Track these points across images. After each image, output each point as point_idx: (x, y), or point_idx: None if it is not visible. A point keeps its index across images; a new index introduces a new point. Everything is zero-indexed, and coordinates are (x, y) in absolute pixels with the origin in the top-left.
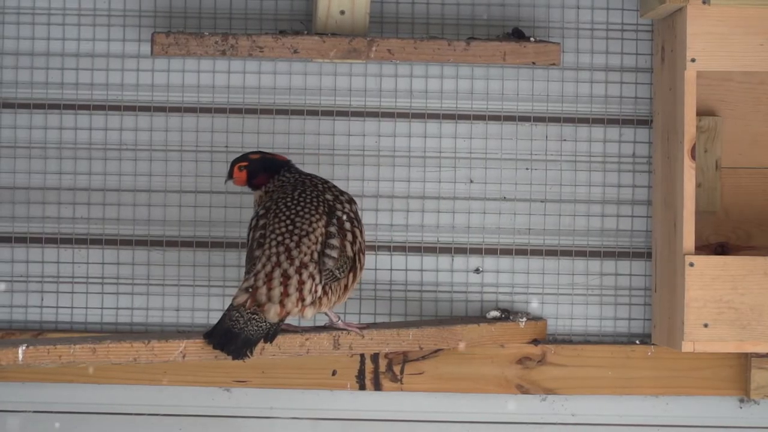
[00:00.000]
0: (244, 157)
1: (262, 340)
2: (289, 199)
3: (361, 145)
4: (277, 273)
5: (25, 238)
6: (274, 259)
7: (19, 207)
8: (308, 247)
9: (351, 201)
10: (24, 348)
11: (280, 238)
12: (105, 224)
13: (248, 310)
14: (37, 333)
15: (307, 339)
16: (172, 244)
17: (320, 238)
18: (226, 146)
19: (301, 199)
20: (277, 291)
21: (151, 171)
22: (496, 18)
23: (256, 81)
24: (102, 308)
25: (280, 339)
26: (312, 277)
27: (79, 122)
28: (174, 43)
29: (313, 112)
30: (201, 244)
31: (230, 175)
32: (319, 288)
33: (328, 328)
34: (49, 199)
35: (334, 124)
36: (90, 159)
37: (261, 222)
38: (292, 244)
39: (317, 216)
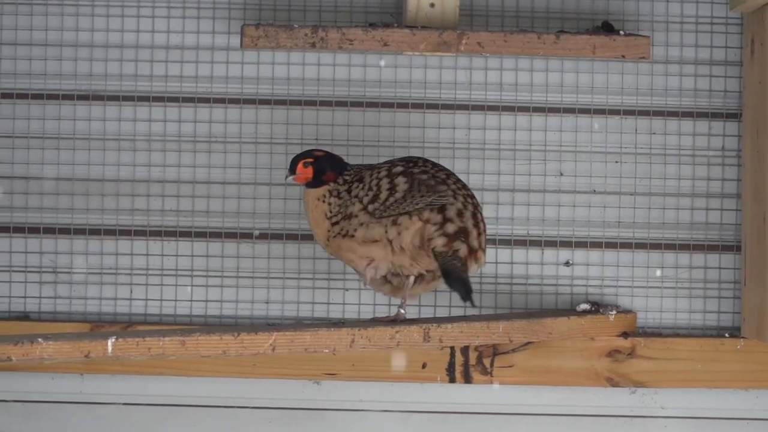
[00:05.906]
0: (309, 153)
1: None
2: (420, 162)
3: (452, 138)
4: (479, 216)
5: (114, 230)
6: (461, 200)
7: (108, 199)
8: (471, 197)
9: None
10: (113, 340)
11: (455, 177)
12: (194, 216)
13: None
14: (126, 325)
15: (397, 332)
16: (261, 236)
17: None
18: (316, 138)
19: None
20: (483, 238)
21: (241, 163)
22: (585, 11)
23: (346, 74)
24: (191, 300)
25: (370, 331)
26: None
27: (169, 114)
28: (264, 35)
29: (402, 105)
30: (290, 237)
31: (292, 171)
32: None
33: (418, 320)
34: (138, 191)
35: (424, 117)
36: (179, 151)
37: (411, 170)
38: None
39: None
